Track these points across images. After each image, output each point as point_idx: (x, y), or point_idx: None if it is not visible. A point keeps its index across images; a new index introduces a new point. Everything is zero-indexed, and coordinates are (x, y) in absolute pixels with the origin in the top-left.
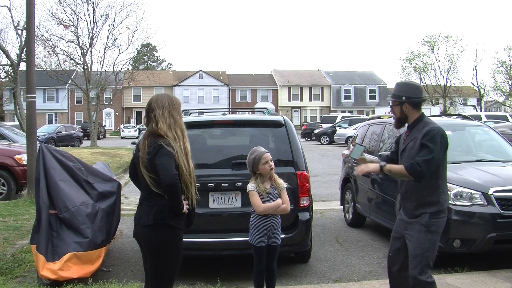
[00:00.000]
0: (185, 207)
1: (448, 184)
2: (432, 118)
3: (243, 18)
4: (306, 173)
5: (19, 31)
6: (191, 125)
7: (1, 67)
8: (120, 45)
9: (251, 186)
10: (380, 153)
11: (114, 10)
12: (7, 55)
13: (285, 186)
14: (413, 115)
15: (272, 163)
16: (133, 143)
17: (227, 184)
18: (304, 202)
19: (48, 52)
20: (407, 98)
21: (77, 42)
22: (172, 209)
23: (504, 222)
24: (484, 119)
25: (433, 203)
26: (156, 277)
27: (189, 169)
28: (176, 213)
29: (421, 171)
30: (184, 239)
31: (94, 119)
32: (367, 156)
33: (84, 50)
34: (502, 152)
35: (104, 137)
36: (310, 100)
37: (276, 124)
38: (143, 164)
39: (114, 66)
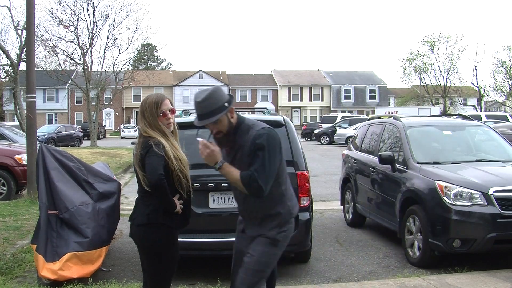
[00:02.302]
0: (179, 206)
1: (448, 184)
2: (432, 118)
3: (243, 18)
4: (306, 173)
5: (19, 31)
6: (191, 125)
7: (1, 67)
8: (120, 45)
9: None
10: (380, 153)
11: (114, 10)
12: (7, 55)
13: None
14: (234, 120)
15: None
16: (133, 143)
17: (227, 184)
18: (304, 202)
19: (49, 52)
20: (228, 104)
21: (77, 42)
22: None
23: (504, 222)
24: (484, 119)
25: (278, 215)
26: (154, 277)
27: (180, 167)
28: (170, 212)
29: (260, 188)
30: (184, 239)
31: (94, 119)
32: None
33: (84, 50)
34: (502, 152)
35: (104, 137)
36: (310, 100)
37: (276, 124)
38: (137, 163)
39: (114, 66)
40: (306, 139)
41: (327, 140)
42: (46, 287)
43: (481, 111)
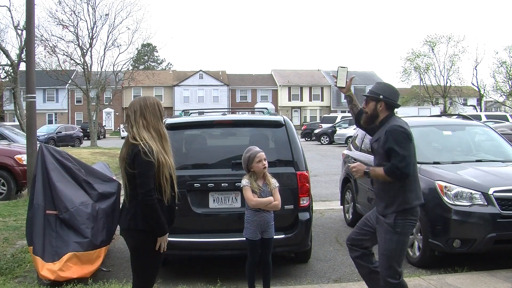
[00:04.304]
0: (164, 246)
1: (448, 184)
2: (432, 118)
3: (243, 19)
4: (306, 173)
5: (19, 31)
6: (191, 125)
7: (1, 67)
8: (120, 45)
9: (244, 181)
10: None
11: (114, 10)
12: (7, 55)
13: (277, 185)
14: (383, 115)
15: (265, 162)
16: None
17: (227, 184)
18: (304, 202)
19: (49, 53)
20: (385, 98)
21: (77, 42)
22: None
23: (504, 222)
24: (484, 119)
25: (399, 203)
26: (136, 275)
27: (169, 168)
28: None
29: (402, 173)
30: (184, 239)
31: (94, 119)
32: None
33: (84, 50)
34: (502, 152)
35: (104, 137)
36: (310, 100)
37: (276, 124)
38: (123, 167)
39: (114, 66)
40: (306, 139)
41: (327, 140)
42: (46, 287)
43: (481, 111)
